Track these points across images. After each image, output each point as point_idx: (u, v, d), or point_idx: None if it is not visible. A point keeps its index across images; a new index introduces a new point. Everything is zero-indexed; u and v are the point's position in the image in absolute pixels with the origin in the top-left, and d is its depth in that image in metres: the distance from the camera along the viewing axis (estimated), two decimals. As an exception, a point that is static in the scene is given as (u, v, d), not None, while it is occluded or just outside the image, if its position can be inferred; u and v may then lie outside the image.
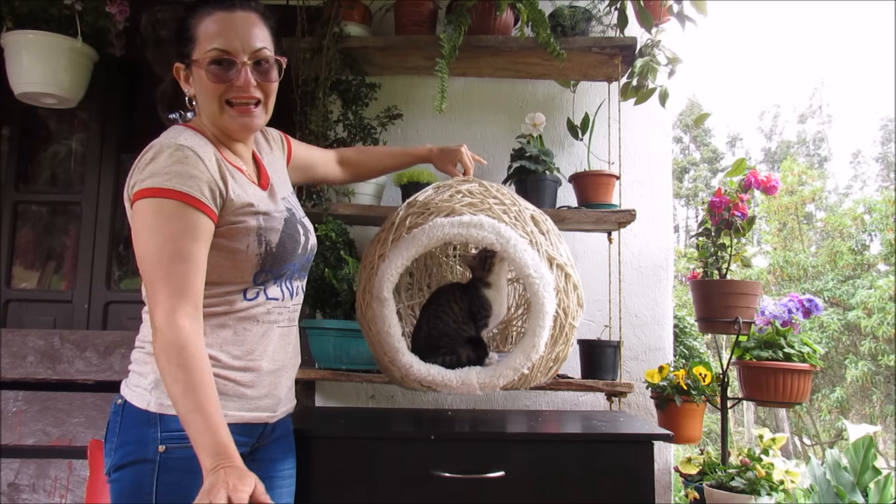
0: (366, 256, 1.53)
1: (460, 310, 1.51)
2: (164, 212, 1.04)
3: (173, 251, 1.03)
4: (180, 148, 1.09)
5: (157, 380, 1.10)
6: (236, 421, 1.14)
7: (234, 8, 1.16)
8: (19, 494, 2.00)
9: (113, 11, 2.21)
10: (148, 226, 1.05)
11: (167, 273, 1.02)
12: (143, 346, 1.16)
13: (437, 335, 1.50)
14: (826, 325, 8.31)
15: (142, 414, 1.10)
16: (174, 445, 1.08)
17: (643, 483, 1.41)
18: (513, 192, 1.54)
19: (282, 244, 1.19)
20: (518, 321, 1.79)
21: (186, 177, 1.06)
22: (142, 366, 1.15)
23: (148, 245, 1.04)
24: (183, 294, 1.02)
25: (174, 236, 1.04)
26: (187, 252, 1.04)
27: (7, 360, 2.08)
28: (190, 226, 1.05)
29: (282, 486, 1.29)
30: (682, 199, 14.04)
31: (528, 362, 1.41)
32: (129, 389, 1.14)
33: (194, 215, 1.06)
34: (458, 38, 2.08)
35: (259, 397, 1.19)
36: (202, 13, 1.16)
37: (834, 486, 2.36)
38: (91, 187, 2.72)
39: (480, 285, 1.53)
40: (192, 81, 1.19)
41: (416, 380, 1.41)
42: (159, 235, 1.04)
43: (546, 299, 1.38)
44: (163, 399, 1.10)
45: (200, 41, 1.15)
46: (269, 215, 1.19)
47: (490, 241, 1.38)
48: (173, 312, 1.01)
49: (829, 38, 36.52)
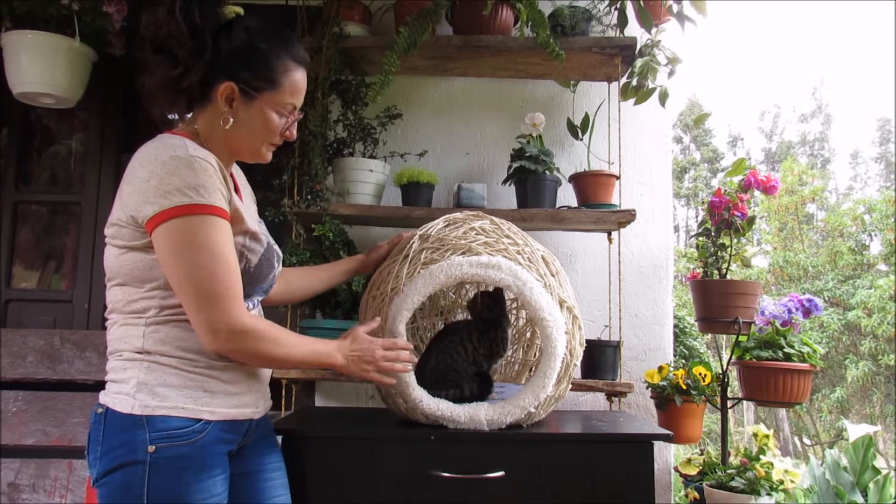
0: (373, 286, 1.52)
1: (474, 348, 1.53)
2: (206, 226, 1.08)
3: (223, 262, 1.09)
4: (198, 160, 1.10)
5: (139, 383, 1.12)
6: (225, 418, 1.17)
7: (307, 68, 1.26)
8: (19, 494, 2.00)
9: (111, 11, 2.21)
10: (188, 242, 1.07)
11: (226, 285, 1.09)
12: (121, 354, 1.16)
13: (444, 369, 1.51)
14: (826, 325, 8.31)
15: (126, 418, 1.10)
16: (164, 444, 1.09)
17: (643, 483, 1.41)
18: (521, 231, 1.56)
19: (259, 266, 1.23)
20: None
21: (212, 189, 1.10)
22: (120, 372, 1.15)
23: (193, 260, 1.07)
24: (238, 297, 1.11)
25: (219, 248, 1.09)
26: (233, 261, 1.12)
27: (7, 360, 2.08)
28: (225, 235, 1.12)
29: (273, 478, 1.30)
30: (682, 199, 14.04)
31: (537, 401, 1.45)
32: (110, 397, 1.14)
33: (223, 223, 1.11)
34: (420, 35, 2.07)
35: (242, 393, 1.21)
36: (291, 65, 1.22)
37: (833, 486, 2.36)
38: (91, 187, 2.72)
39: (505, 324, 1.56)
40: (238, 107, 1.19)
41: (423, 413, 1.43)
42: (204, 250, 1.08)
43: (558, 342, 1.43)
44: (147, 401, 1.11)
45: (283, 89, 1.21)
46: (256, 236, 1.23)
47: (507, 283, 1.42)
48: (239, 314, 1.10)
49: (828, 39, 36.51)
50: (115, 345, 1.18)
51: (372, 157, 2.26)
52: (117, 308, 1.17)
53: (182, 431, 1.11)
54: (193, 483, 1.11)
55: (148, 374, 1.12)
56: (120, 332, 1.16)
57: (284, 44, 1.22)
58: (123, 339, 1.15)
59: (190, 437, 1.11)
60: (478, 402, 1.47)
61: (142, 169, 1.11)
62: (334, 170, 2.21)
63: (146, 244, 1.12)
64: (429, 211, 2.14)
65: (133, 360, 1.14)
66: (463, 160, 2.52)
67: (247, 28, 1.20)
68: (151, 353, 1.13)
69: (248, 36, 1.19)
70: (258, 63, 1.19)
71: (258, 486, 1.27)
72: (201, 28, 1.15)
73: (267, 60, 1.20)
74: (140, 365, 1.13)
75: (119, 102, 2.77)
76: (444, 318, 1.82)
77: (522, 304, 1.46)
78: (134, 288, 1.15)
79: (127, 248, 1.13)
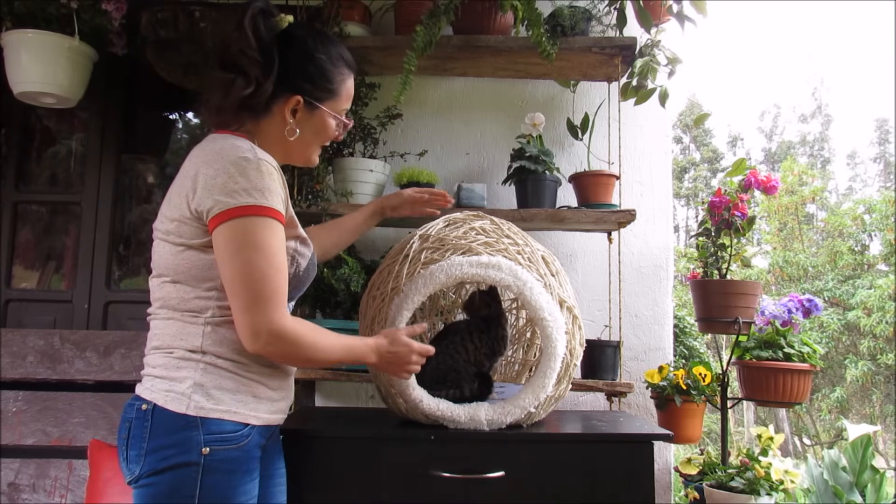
0: (374, 286, 1.52)
1: (475, 348, 1.53)
2: (266, 228, 1.09)
3: (275, 265, 1.10)
4: (265, 164, 1.12)
5: (195, 384, 1.12)
6: (266, 423, 1.19)
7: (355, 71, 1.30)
8: (19, 494, 2.00)
9: (109, 9, 2.20)
10: (245, 243, 1.08)
11: (274, 288, 1.09)
12: (172, 351, 1.15)
13: (444, 370, 1.51)
14: (826, 325, 8.31)
15: (180, 418, 1.10)
16: (217, 447, 1.10)
17: (643, 483, 1.41)
18: (521, 231, 1.56)
19: (307, 270, 1.26)
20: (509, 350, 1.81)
21: (275, 193, 1.12)
22: (174, 371, 1.14)
23: (247, 261, 1.08)
24: (283, 301, 1.11)
25: (273, 251, 1.10)
26: (284, 265, 1.13)
27: (7, 360, 2.08)
28: (281, 239, 1.13)
29: (278, 483, 1.31)
30: (682, 199, 14.05)
31: (537, 401, 1.45)
32: (160, 395, 1.13)
33: (279, 227, 1.13)
34: (436, 33, 2.08)
35: (280, 399, 1.23)
36: (346, 72, 1.26)
37: (832, 487, 2.36)
38: (91, 187, 2.72)
39: (504, 321, 1.56)
40: (301, 118, 1.22)
41: (423, 413, 1.43)
42: (259, 252, 1.09)
43: (558, 342, 1.44)
44: (203, 402, 1.11)
45: (340, 98, 1.26)
46: (306, 241, 1.26)
47: (507, 283, 1.42)
48: (283, 318, 1.10)
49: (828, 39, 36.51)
50: (164, 340, 1.17)
51: (372, 157, 2.26)
52: (170, 305, 1.16)
53: (233, 435, 1.12)
54: (240, 485, 1.13)
55: (204, 375, 1.13)
56: (174, 328, 1.15)
57: (337, 50, 1.25)
58: (178, 336, 1.15)
59: (239, 441, 1.13)
60: (478, 402, 1.47)
61: (208, 166, 1.11)
62: (334, 170, 2.22)
63: (205, 243, 1.12)
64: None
65: (188, 360, 1.14)
66: (463, 160, 2.52)
67: (301, 38, 1.21)
68: (208, 353, 1.13)
69: (304, 46, 1.21)
70: (318, 74, 1.22)
71: (267, 490, 1.28)
72: (267, 43, 1.16)
73: (325, 71, 1.22)
74: (196, 365, 1.13)
75: (119, 102, 2.77)
76: (444, 318, 1.82)
77: (522, 304, 1.47)
78: (190, 287, 1.14)
79: (185, 245, 1.13)
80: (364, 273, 2.07)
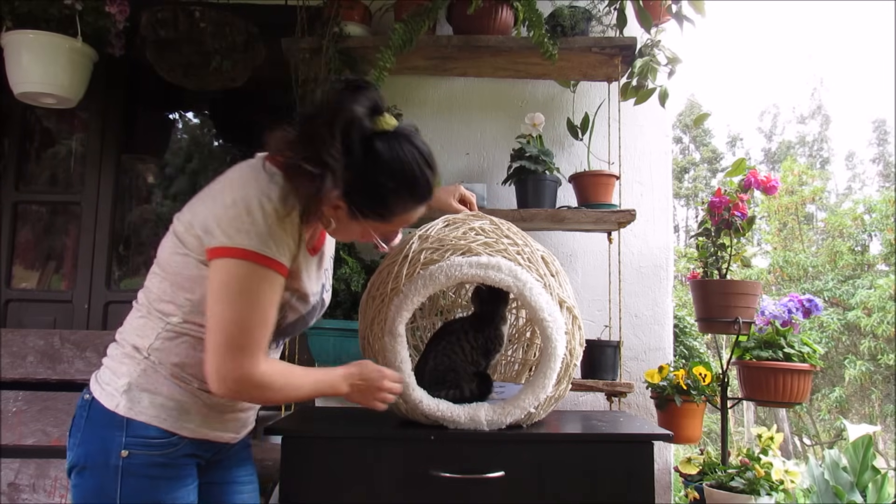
0: (373, 286, 1.52)
1: (472, 348, 1.52)
2: (263, 279, 1.05)
3: (262, 318, 1.06)
4: (282, 213, 1.06)
5: (130, 383, 1.11)
6: (200, 437, 1.16)
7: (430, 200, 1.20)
8: (19, 494, 2.00)
9: (113, 11, 2.21)
10: (241, 289, 1.04)
11: (254, 339, 1.06)
12: (124, 345, 1.15)
13: (443, 370, 1.51)
14: (826, 325, 8.31)
15: (109, 414, 1.10)
16: (137, 451, 1.09)
17: (643, 483, 1.41)
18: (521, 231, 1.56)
19: (293, 325, 1.23)
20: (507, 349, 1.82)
21: (281, 242, 1.06)
22: (118, 364, 1.14)
23: (236, 307, 1.05)
24: (259, 351, 1.07)
25: (265, 304, 1.06)
26: (271, 319, 1.08)
27: (7, 360, 2.08)
28: (277, 293, 1.08)
29: (242, 490, 1.30)
30: (682, 199, 14.05)
31: (537, 401, 1.45)
32: (100, 387, 1.13)
33: (280, 281, 1.08)
34: (417, 32, 2.06)
35: (225, 420, 1.21)
36: (409, 205, 1.16)
37: (832, 487, 2.36)
38: (91, 187, 2.72)
39: (500, 322, 1.55)
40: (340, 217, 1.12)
41: (423, 414, 1.43)
42: (251, 302, 1.05)
43: (558, 342, 1.43)
44: (132, 404, 1.10)
45: (392, 223, 1.17)
46: (305, 297, 1.20)
47: (507, 284, 1.41)
48: (252, 367, 1.06)
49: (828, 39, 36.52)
50: (126, 330, 1.17)
51: (372, 157, 2.25)
52: (148, 297, 1.15)
53: (158, 441, 1.11)
54: (167, 492, 1.12)
55: (142, 376, 1.12)
56: (138, 322, 1.15)
57: (413, 185, 1.12)
58: (137, 330, 1.14)
59: (165, 448, 1.12)
60: (478, 402, 1.47)
61: (231, 191, 1.07)
62: (334, 170, 2.21)
63: (202, 259, 1.08)
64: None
65: (132, 357, 1.13)
66: (463, 160, 2.52)
67: (382, 157, 1.08)
68: (153, 355, 1.12)
69: (378, 166, 1.08)
70: (377, 199, 1.11)
71: (226, 498, 1.27)
72: (355, 146, 1.06)
73: (386, 200, 1.12)
74: (137, 365, 1.12)
75: (119, 102, 2.78)
76: (444, 317, 1.82)
77: (522, 304, 1.46)
78: (170, 287, 1.12)
79: (186, 250, 1.10)
80: (364, 273, 2.07)
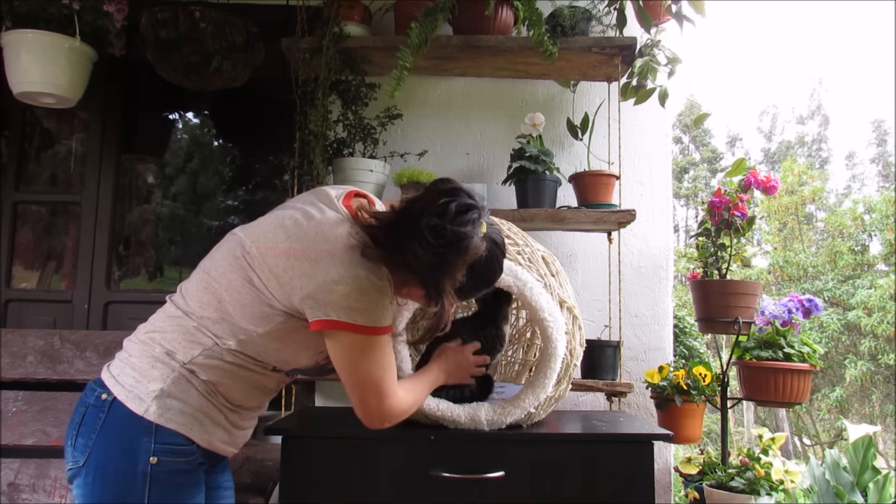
0: None
1: None
2: (378, 345, 1.15)
3: (385, 368, 1.17)
4: (386, 286, 1.12)
5: (163, 390, 1.11)
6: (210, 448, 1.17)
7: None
8: (19, 494, 2.00)
9: (111, 10, 2.21)
10: (362, 355, 1.14)
11: (385, 384, 1.18)
12: (154, 346, 1.14)
13: None
14: (826, 325, 8.31)
15: (135, 419, 1.09)
16: (166, 459, 1.10)
17: (643, 483, 1.41)
18: (521, 231, 1.56)
19: None
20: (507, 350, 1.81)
21: (387, 310, 1.14)
22: (148, 367, 1.13)
23: (363, 368, 1.15)
24: (394, 388, 1.20)
25: (383, 358, 1.17)
26: (392, 364, 1.20)
27: (7, 360, 2.08)
28: (390, 345, 1.20)
29: (223, 496, 1.32)
30: (682, 199, 14.04)
31: (537, 401, 1.45)
32: (122, 388, 1.12)
33: (388, 337, 1.18)
34: (432, 31, 2.07)
35: (238, 436, 1.24)
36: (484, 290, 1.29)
37: (833, 487, 2.36)
38: (91, 187, 2.72)
39: (501, 321, 1.55)
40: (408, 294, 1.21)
41: (423, 413, 1.43)
42: (371, 362, 1.15)
43: (559, 342, 1.44)
44: (163, 411, 1.10)
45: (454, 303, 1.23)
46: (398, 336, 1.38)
47: (507, 284, 1.42)
48: (395, 401, 1.20)
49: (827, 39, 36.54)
50: (157, 332, 1.15)
51: (372, 157, 2.26)
52: (196, 311, 1.14)
53: (183, 449, 1.12)
54: (189, 498, 1.14)
55: (174, 384, 1.11)
56: (181, 329, 1.14)
57: (492, 282, 1.27)
58: (179, 338, 1.13)
59: (188, 456, 1.13)
60: (478, 402, 1.47)
61: (333, 266, 1.09)
62: (334, 170, 2.21)
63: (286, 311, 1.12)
64: None
65: (165, 363, 1.12)
66: (463, 160, 2.52)
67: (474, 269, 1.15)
68: (190, 366, 1.12)
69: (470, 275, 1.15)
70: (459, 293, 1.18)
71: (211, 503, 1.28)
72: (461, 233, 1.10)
73: (468, 294, 1.26)
74: (170, 372, 1.12)
75: (119, 102, 2.77)
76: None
77: (523, 304, 1.47)
78: (234, 315, 1.13)
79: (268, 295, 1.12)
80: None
